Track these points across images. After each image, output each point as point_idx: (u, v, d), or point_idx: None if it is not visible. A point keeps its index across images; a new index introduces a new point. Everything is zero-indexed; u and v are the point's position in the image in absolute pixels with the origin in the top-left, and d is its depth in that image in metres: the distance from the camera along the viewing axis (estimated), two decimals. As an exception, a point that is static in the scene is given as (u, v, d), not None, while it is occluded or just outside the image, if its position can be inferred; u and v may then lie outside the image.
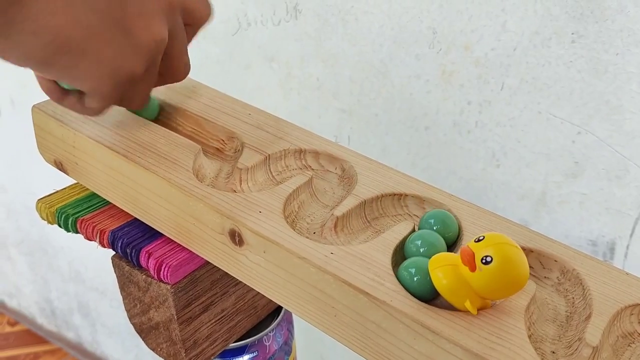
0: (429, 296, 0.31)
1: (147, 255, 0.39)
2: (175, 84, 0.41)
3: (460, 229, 0.37)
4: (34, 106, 0.44)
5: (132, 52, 0.33)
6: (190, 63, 0.40)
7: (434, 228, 0.36)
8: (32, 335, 1.60)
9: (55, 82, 0.37)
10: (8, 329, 1.63)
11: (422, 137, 0.62)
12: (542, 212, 0.58)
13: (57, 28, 0.29)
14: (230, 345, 0.45)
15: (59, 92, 0.37)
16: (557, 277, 0.35)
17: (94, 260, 1.27)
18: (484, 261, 0.28)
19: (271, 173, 0.41)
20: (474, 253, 0.29)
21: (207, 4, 0.38)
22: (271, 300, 0.47)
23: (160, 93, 0.47)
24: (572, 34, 0.51)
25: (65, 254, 1.33)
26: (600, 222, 0.55)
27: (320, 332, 0.33)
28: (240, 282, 0.41)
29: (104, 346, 1.43)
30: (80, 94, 0.37)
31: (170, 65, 0.38)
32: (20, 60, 0.31)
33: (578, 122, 0.53)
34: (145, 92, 0.38)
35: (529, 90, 0.54)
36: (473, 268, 0.28)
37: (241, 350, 0.46)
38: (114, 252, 0.42)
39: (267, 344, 0.47)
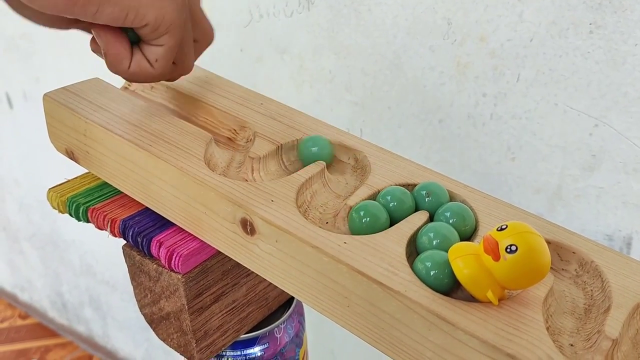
0: (445, 291, 0.30)
1: (158, 244, 0.39)
2: (187, 74, 0.41)
3: (476, 221, 0.36)
4: (45, 94, 0.43)
5: None
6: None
7: (450, 221, 0.35)
8: (43, 329, 1.61)
9: (124, 39, 0.37)
10: (19, 322, 1.64)
11: (435, 130, 0.62)
12: (558, 206, 0.57)
13: None
14: (241, 336, 0.45)
15: (128, 49, 0.38)
16: (575, 269, 0.35)
17: (105, 253, 1.27)
18: (508, 250, 0.27)
19: (283, 163, 0.41)
20: (497, 242, 0.28)
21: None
22: (282, 292, 0.47)
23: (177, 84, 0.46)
24: (590, 24, 0.50)
25: (76, 247, 1.34)
26: (617, 216, 0.54)
27: (330, 327, 0.33)
28: (252, 273, 0.41)
29: (114, 340, 1.43)
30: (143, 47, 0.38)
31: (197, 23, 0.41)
32: None
33: (595, 115, 0.52)
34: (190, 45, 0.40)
35: (546, 82, 0.53)
36: (497, 257, 0.28)
37: (252, 342, 0.45)
38: (125, 242, 0.42)
39: (278, 335, 0.46)
